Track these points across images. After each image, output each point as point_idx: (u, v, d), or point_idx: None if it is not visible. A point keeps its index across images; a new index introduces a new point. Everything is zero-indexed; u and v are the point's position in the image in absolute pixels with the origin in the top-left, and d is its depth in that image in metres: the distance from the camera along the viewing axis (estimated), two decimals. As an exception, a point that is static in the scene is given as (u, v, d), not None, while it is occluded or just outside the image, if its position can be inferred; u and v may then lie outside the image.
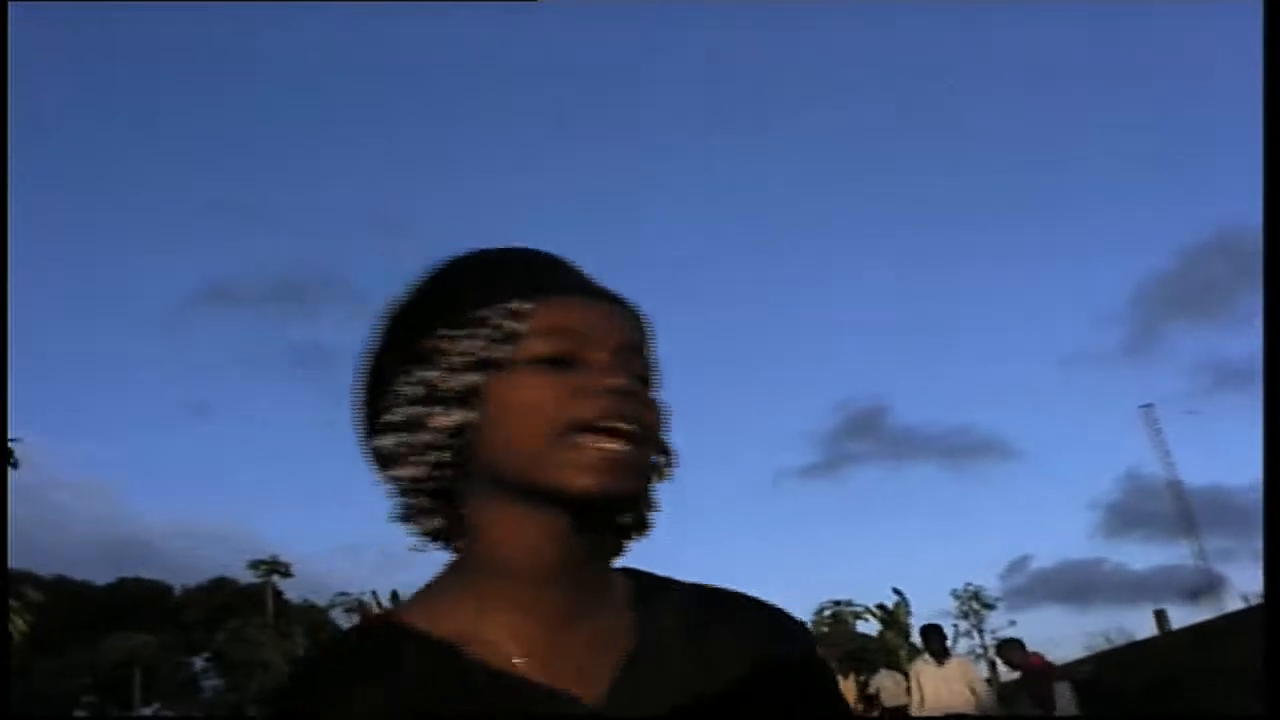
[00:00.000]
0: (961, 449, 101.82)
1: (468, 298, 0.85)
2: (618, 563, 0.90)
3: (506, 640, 0.82)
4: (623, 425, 0.80)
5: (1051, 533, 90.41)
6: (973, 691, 9.11)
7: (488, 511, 0.83)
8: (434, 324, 0.85)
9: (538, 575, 0.83)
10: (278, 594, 58.21)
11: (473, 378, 0.82)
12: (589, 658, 0.83)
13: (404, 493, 0.86)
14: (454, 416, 0.82)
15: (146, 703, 52.43)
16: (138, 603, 62.14)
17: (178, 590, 66.13)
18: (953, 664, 9.39)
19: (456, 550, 0.88)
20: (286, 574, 58.78)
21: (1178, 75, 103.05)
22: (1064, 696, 8.88)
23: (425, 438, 0.83)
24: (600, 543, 0.86)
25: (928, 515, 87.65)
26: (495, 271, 0.87)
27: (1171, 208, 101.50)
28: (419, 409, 0.84)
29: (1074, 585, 65.56)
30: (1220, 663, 14.39)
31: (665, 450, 0.88)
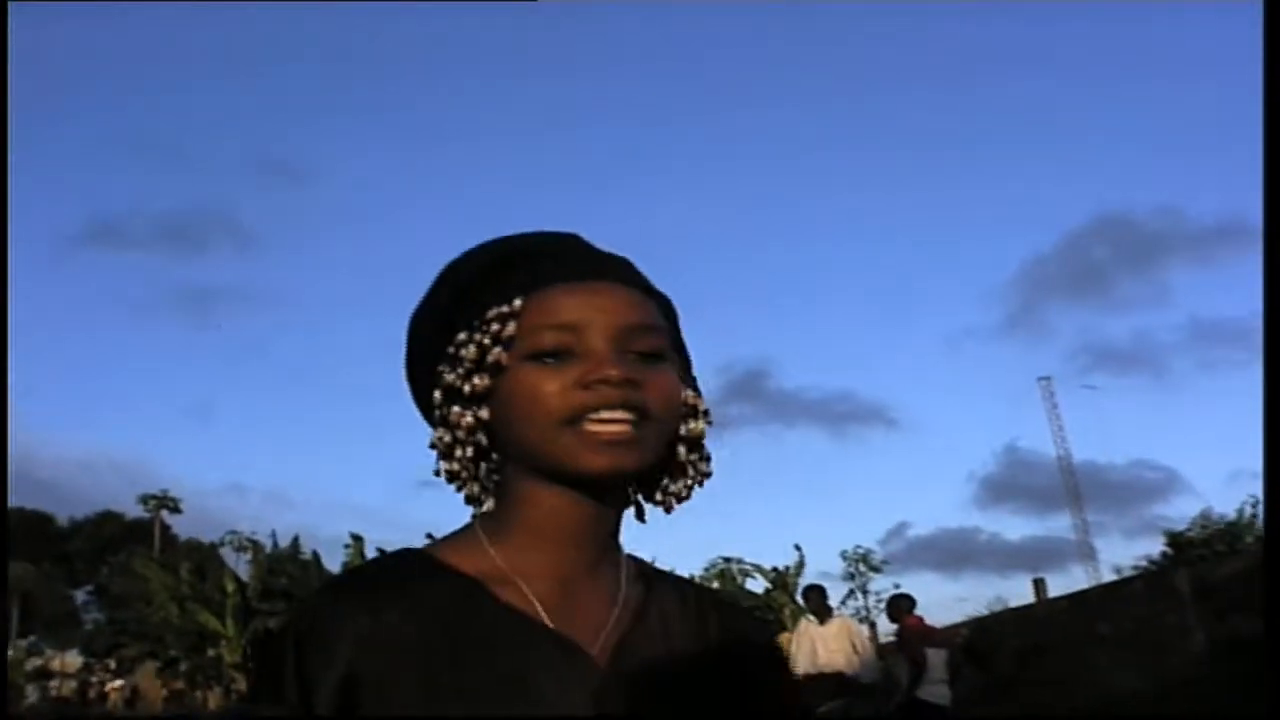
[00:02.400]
0: (843, 415, 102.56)
1: (475, 296, 0.92)
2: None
3: (525, 583, 0.89)
4: (620, 415, 0.86)
5: (929, 501, 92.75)
6: (855, 650, 9.15)
7: (517, 481, 0.92)
8: (452, 325, 0.93)
9: (558, 532, 0.91)
10: (166, 529, 57.05)
11: (482, 380, 0.90)
12: (598, 613, 0.91)
13: (450, 481, 0.95)
14: (470, 418, 0.91)
15: (24, 634, 51.03)
16: (21, 532, 60.33)
17: (63, 521, 64.37)
18: (834, 623, 9.41)
19: (481, 507, 0.96)
20: (176, 509, 57.68)
21: (1069, 61, 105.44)
22: (938, 661, 8.94)
23: (453, 435, 0.92)
24: (617, 507, 0.95)
25: (808, 480, 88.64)
26: (498, 267, 0.94)
27: (1053, 189, 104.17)
28: (446, 409, 0.93)
29: (950, 553, 67.45)
30: (1096, 631, 14.83)
31: (694, 414, 0.96)
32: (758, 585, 30.74)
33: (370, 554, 28.06)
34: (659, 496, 0.98)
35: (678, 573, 1.05)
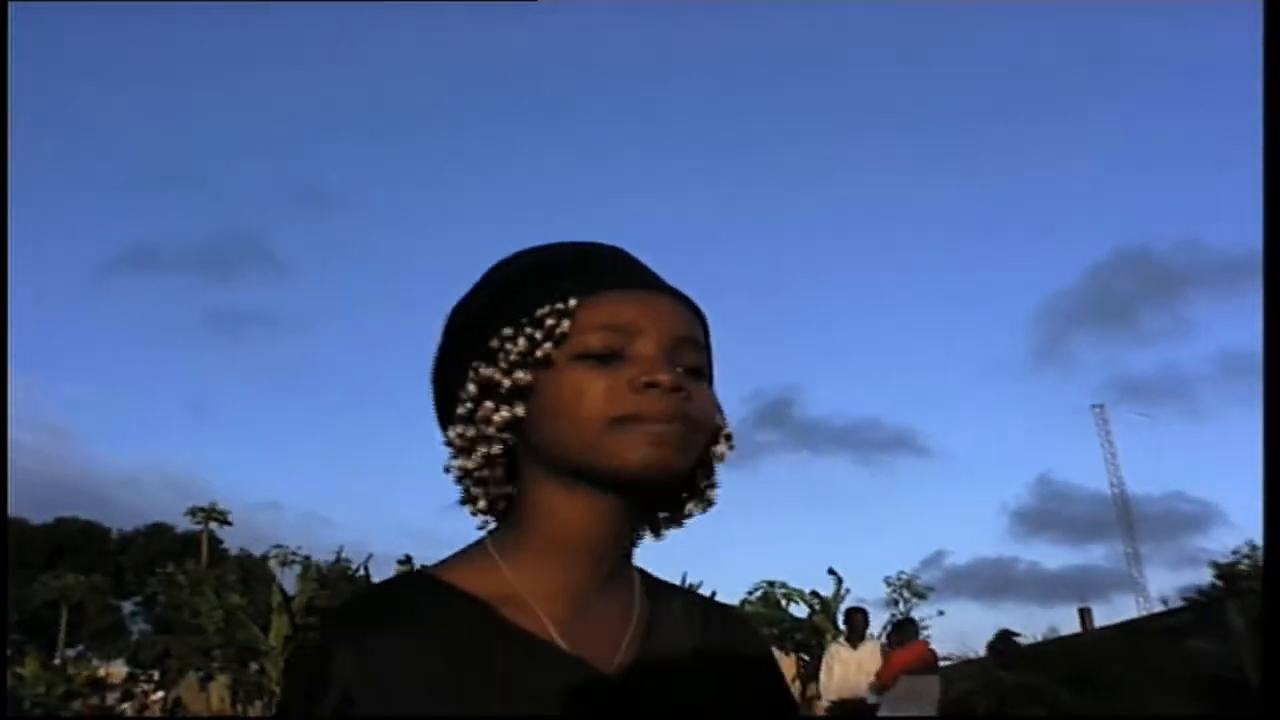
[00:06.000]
0: (870, 443, 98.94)
1: (524, 296, 0.91)
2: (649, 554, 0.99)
3: (538, 604, 0.87)
4: (666, 425, 0.84)
5: (963, 530, 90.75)
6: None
7: (537, 490, 0.89)
8: (493, 322, 0.91)
9: (577, 547, 0.89)
10: (216, 542, 57.69)
11: (525, 375, 0.87)
12: (613, 628, 0.89)
13: (459, 480, 0.92)
14: (505, 413, 0.88)
15: (71, 644, 51.89)
16: (74, 544, 61.38)
17: (115, 534, 65.42)
18: (866, 647, 9.31)
19: (496, 521, 0.94)
20: (225, 522, 58.24)
21: (1086, 96, 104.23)
22: (931, 690, 8.81)
23: (480, 431, 0.89)
24: (632, 523, 0.92)
25: (841, 506, 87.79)
26: (550, 269, 0.92)
27: (1073, 222, 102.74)
28: (477, 404, 0.90)
29: (989, 581, 66.39)
30: (1143, 661, 14.52)
31: (718, 437, 0.94)
32: (800, 610, 30.56)
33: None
34: (665, 515, 0.97)
35: (694, 588, 1.01)
